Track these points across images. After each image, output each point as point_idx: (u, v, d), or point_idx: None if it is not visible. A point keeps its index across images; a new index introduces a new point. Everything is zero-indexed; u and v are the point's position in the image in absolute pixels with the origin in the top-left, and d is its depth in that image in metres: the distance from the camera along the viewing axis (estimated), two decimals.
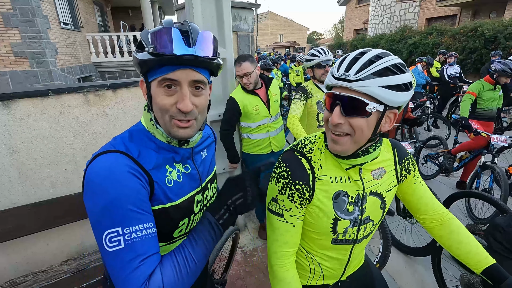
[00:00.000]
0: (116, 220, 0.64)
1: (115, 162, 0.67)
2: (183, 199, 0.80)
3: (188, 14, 2.13)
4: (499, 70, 3.13)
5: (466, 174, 3.62)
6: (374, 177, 0.88)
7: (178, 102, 0.69)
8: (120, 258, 0.64)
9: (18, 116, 1.81)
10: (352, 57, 0.76)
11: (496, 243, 1.36)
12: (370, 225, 0.92)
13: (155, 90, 0.70)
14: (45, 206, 1.93)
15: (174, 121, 0.71)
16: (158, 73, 0.68)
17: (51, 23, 7.70)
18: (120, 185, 0.64)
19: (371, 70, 0.71)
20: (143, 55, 0.67)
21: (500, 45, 8.93)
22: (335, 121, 0.74)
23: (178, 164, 0.80)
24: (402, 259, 2.54)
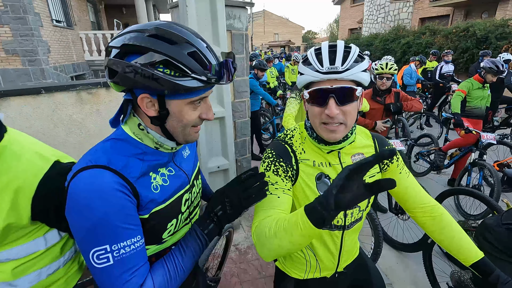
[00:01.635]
0: (104, 238, 0.63)
1: (100, 179, 0.64)
2: (171, 201, 0.79)
3: (182, 13, 2.13)
4: (486, 68, 3.22)
5: (457, 171, 3.69)
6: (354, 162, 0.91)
7: (202, 113, 0.75)
8: (109, 273, 0.64)
9: (10, 114, 1.79)
10: (327, 51, 0.81)
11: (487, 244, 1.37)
12: (356, 211, 0.95)
13: (179, 107, 0.70)
14: None
15: (192, 128, 0.76)
16: (192, 95, 0.69)
17: (43, 21, 7.60)
18: (107, 203, 0.63)
19: (352, 59, 0.79)
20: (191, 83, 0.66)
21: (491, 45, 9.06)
22: (334, 113, 0.79)
23: (162, 168, 0.79)
24: (394, 255, 2.58)
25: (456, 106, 3.34)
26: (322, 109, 0.82)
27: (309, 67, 0.83)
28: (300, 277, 1.03)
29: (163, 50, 0.64)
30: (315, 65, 0.81)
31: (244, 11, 2.58)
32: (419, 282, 2.27)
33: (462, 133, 3.31)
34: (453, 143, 3.53)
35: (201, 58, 0.67)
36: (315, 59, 0.81)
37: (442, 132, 5.31)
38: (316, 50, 0.84)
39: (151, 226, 0.75)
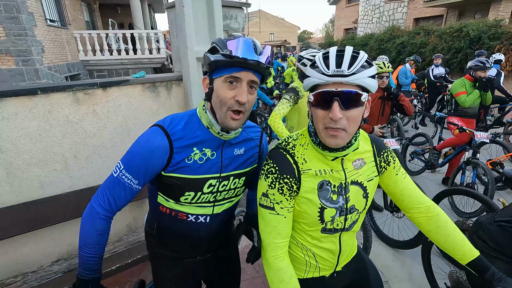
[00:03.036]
0: (126, 160, 0.92)
1: (153, 135, 0.91)
2: (195, 177, 0.95)
3: (179, 13, 2.13)
4: (473, 67, 3.32)
5: (451, 170, 3.74)
6: (355, 167, 0.94)
7: (236, 95, 0.86)
8: (106, 181, 0.95)
9: (5, 115, 1.78)
10: (335, 54, 0.81)
11: (480, 242, 1.39)
12: (355, 214, 0.97)
13: (219, 85, 0.88)
14: (34, 206, 1.91)
15: (229, 112, 0.88)
16: (226, 72, 0.86)
17: (37, 20, 7.51)
18: (144, 149, 0.90)
19: (359, 64, 0.79)
20: (218, 56, 0.84)
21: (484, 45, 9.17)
22: (337, 116, 0.79)
23: (207, 149, 0.96)
24: (390, 253, 2.61)
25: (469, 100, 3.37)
26: (326, 113, 0.81)
27: (315, 70, 0.83)
28: (300, 276, 1.04)
29: (216, 40, 0.88)
30: (322, 68, 0.81)
31: (241, 12, 2.59)
32: (415, 279, 2.30)
33: (456, 132, 3.36)
34: (447, 142, 3.58)
35: (238, 43, 0.83)
36: (322, 62, 0.81)
37: (436, 131, 5.37)
38: (324, 54, 0.84)
39: (172, 184, 0.95)
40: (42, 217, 1.93)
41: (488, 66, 3.26)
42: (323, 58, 0.82)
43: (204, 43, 2.23)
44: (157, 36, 10.94)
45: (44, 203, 1.94)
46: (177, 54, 2.62)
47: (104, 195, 0.93)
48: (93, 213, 0.93)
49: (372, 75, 0.81)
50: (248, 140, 1.07)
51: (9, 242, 1.88)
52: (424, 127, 6.55)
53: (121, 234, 2.37)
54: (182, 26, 2.13)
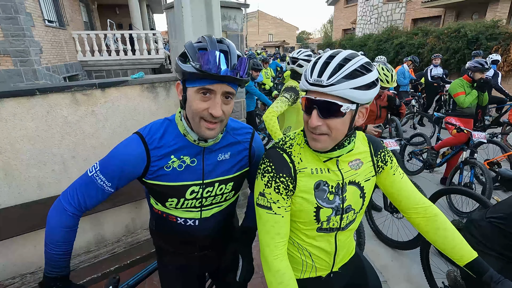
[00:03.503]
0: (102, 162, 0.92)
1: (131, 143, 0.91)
2: (175, 184, 0.94)
3: (177, 14, 2.13)
4: (472, 68, 3.33)
5: (449, 169, 3.75)
6: (352, 167, 0.95)
7: (210, 107, 0.83)
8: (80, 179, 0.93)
9: (3, 116, 1.77)
10: (322, 61, 0.80)
11: (472, 238, 1.40)
12: (351, 214, 0.97)
13: (191, 95, 0.84)
14: (32, 207, 1.90)
15: (203, 122, 0.85)
16: (198, 83, 0.82)
17: (35, 21, 7.49)
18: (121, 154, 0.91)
19: (342, 74, 0.77)
20: (188, 67, 0.80)
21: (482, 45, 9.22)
22: (314, 124, 0.80)
23: (186, 157, 0.94)
24: (389, 253, 2.62)
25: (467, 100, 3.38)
26: (308, 117, 0.83)
27: (304, 74, 0.84)
28: (297, 276, 1.04)
29: (187, 46, 0.82)
30: (307, 74, 0.81)
31: (239, 12, 2.60)
32: (413, 279, 2.31)
33: (454, 132, 3.37)
34: (445, 142, 3.60)
35: (208, 56, 0.77)
36: (309, 68, 0.82)
37: (434, 131, 5.39)
38: (317, 59, 0.84)
39: (155, 190, 0.96)
40: (40, 218, 1.92)
41: (487, 67, 3.28)
42: (313, 63, 0.82)
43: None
44: (155, 36, 10.93)
45: (42, 204, 1.94)
46: (175, 54, 2.62)
47: (74, 193, 0.91)
48: (60, 209, 0.91)
49: (358, 86, 0.77)
50: (235, 143, 1.03)
51: (7, 243, 1.88)
52: (422, 127, 6.58)
53: (119, 235, 2.37)
54: (180, 27, 2.13)
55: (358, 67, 0.78)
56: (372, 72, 0.80)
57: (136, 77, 2.26)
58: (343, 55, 0.81)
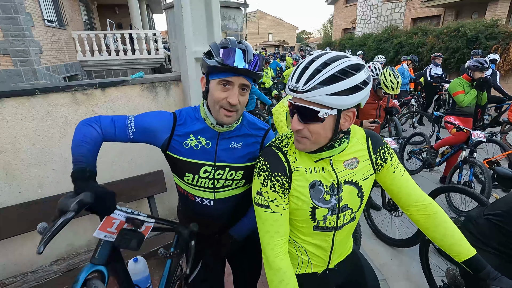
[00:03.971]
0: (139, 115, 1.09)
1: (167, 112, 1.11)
2: (190, 160, 1.09)
3: (177, 14, 2.14)
4: (471, 67, 3.33)
5: (448, 169, 3.76)
6: (347, 167, 0.94)
7: (229, 97, 0.97)
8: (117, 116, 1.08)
9: (4, 116, 1.78)
10: (302, 66, 0.80)
11: (469, 235, 1.41)
12: (349, 213, 0.97)
13: (213, 86, 0.99)
14: (33, 206, 1.91)
15: (222, 110, 1.00)
16: (219, 75, 0.97)
17: (35, 21, 7.49)
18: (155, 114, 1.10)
19: (318, 80, 0.76)
20: (212, 62, 0.95)
21: (481, 45, 9.22)
22: (294, 128, 0.83)
23: (202, 138, 1.09)
24: (388, 252, 2.63)
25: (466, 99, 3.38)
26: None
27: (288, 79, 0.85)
28: None
29: (211, 45, 0.99)
30: (290, 78, 0.82)
31: (239, 12, 2.60)
32: (412, 277, 2.32)
33: (453, 131, 3.38)
34: (444, 141, 3.60)
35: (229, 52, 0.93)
36: (293, 72, 0.82)
37: (434, 130, 5.40)
38: (301, 62, 0.84)
39: (176, 163, 1.11)
40: (41, 217, 1.93)
41: (486, 66, 3.28)
42: (296, 67, 0.82)
43: (202, 44, 2.23)
44: (155, 36, 10.94)
45: (43, 204, 1.95)
46: (175, 54, 2.63)
47: (104, 118, 1.05)
48: (88, 122, 1.02)
49: (336, 92, 0.75)
50: (248, 135, 1.14)
51: (8, 242, 1.89)
52: (422, 126, 6.58)
53: None
54: (180, 27, 2.13)
55: (338, 71, 0.76)
56: (355, 75, 0.76)
57: (136, 77, 2.27)
58: (323, 59, 0.79)
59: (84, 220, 2.20)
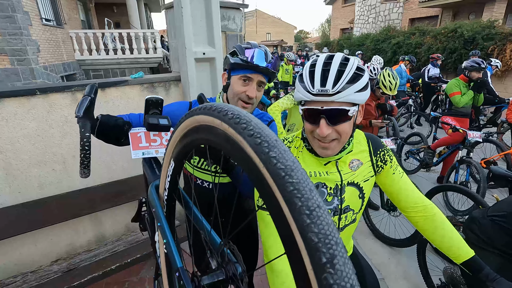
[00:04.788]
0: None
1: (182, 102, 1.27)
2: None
3: (177, 14, 2.15)
4: (469, 67, 3.35)
5: (445, 169, 3.79)
6: (352, 169, 0.95)
7: (247, 91, 1.12)
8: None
9: (4, 116, 1.78)
10: (320, 70, 0.80)
11: (473, 235, 1.43)
12: (350, 214, 0.98)
13: (234, 81, 1.13)
14: (33, 206, 1.91)
15: (240, 102, 1.14)
16: (241, 72, 1.11)
17: (32, 20, 7.45)
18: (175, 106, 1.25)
19: (345, 80, 0.78)
20: (237, 60, 1.09)
21: (478, 45, 9.29)
22: (324, 133, 0.80)
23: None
24: (386, 251, 2.65)
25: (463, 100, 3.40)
26: (315, 127, 0.83)
27: (301, 85, 0.82)
28: None
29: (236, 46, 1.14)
30: (307, 84, 0.80)
31: (239, 13, 2.61)
32: (410, 276, 2.34)
33: (450, 132, 3.41)
34: (441, 141, 3.63)
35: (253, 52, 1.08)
36: (308, 78, 0.80)
37: (431, 131, 5.43)
38: (311, 67, 0.83)
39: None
40: (41, 217, 1.94)
41: (483, 66, 3.30)
42: (309, 71, 0.81)
43: (202, 44, 2.24)
44: (153, 35, 10.90)
45: (43, 204, 1.95)
46: (175, 54, 2.63)
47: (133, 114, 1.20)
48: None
49: (360, 89, 0.79)
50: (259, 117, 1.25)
51: (8, 242, 1.89)
52: (419, 126, 6.62)
53: (120, 234, 2.39)
54: (180, 27, 2.14)
55: (356, 69, 0.80)
56: (365, 72, 0.83)
57: (136, 77, 2.27)
58: (338, 60, 0.81)
59: (83, 221, 2.21)
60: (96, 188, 2.15)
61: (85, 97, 0.82)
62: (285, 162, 0.30)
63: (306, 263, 0.27)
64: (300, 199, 0.28)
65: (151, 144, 0.93)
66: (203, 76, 2.33)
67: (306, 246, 0.27)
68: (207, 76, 2.36)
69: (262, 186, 0.32)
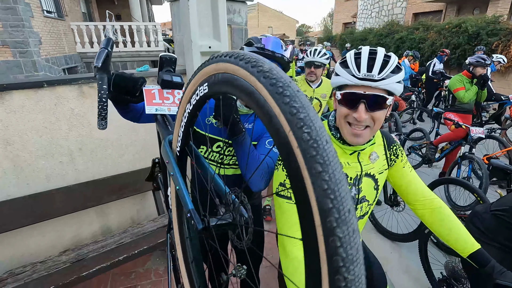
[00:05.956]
0: None
1: None
2: (206, 134, 1.24)
3: (183, 7, 2.14)
4: (474, 63, 3.33)
5: (447, 164, 3.80)
6: (372, 161, 1.00)
7: None
8: None
9: (12, 108, 1.79)
10: (366, 57, 0.83)
11: (475, 229, 1.45)
12: (365, 205, 1.02)
13: None
14: (40, 198, 1.94)
15: None
16: None
17: (34, 11, 7.40)
18: None
19: (390, 69, 0.82)
20: (253, 49, 1.12)
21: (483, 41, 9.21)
22: (362, 117, 0.84)
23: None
24: (389, 246, 2.68)
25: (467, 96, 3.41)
26: (351, 111, 0.86)
27: (346, 70, 0.85)
28: None
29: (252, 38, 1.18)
30: (352, 69, 0.83)
31: (244, 6, 2.60)
32: (412, 270, 2.37)
33: (452, 128, 3.41)
34: (444, 137, 3.64)
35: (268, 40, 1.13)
36: (353, 63, 0.83)
37: (434, 126, 5.43)
38: (356, 54, 0.86)
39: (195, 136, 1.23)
40: (48, 209, 1.96)
41: (488, 62, 3.29)
42: (355, 58, 0.84)
43: (208, 38, 2.24)
44: (155, 28, 10.83)
45: (50, 196, 1.97)
46: (180, 47, 2.62)
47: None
48: None
49: (399, 80, 0.84)
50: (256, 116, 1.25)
51: (15, 234, 1.92)
52: (421, 122, 6.62)
53: (125, 225, 2.41)
54: (186, 20, 2.13)
55: (397, 63, 0.85)
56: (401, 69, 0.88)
57: (141, 70, 2.27)
58: (382, 52, 0.85)
59: (89, 212, 2.23)
60: (102, 181, 2.17)
61: (102, 49, 0.84)
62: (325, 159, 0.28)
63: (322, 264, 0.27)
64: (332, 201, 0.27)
65: (164, 101, 0.95)
66: None
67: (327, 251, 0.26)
68: None
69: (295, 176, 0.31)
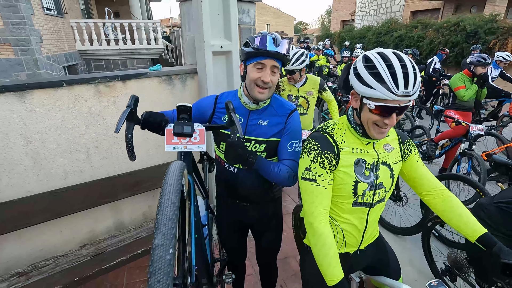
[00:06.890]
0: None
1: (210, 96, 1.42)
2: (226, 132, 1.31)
3: (196, 7, 2.18)
4: (474, 62, 3.42)
5: (447, 161, 3.90)
6: (387, 151, 1.11)
7: (262, 76, 1.19)
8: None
9: (33, 107, 1.84)
10: (401, 72, 0.90)
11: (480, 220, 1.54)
12: (383, 191, 1.11)
13: (250, 69, 1.22)
14: (58, 194, 1.99)
15: (256, 88, 1.22)
16: (255, 59, 1.19)
17: (34, 9, 7.37)
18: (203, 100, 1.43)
19: (417, 82, 0.91)
20: (249, 49, 1.17)
21: (480, 39, 9.32)
22: (394, 124, 0.97)
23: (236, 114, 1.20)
24: (392, 239, 2.77)
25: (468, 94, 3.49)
26: (383, 118, 0.96)
27: (382, 85, 0.90)
28: None
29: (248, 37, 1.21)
30: (391, 86, 0.89)
31: (253, 6, 2.65)
32: (415, 262, 2.46)
33: (453, 125, 3.50)
34: (444, 134, 3.73)
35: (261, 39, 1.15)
36: (390, 79, 0.89)
37: (433, 124, 5.53)
38: (386, 61, 0.92)
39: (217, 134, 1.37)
40: (66, 205, 2.02)
41: (489, 62, 3.38)
42: (391, 74, 0.90)
43: (219, 37, 2.29)
44: (155, 26, 10.81)
45: (68, 192, 2.03)
46: (189, 47, 2.67)
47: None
48: None
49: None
50: (274, 115, 1.32)
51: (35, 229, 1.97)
52: (420, 120, 6.71)
53: (138, 221, 2.48)
54: (198, 20, 2.18)
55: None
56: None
57: (154, 70, 2.33)
58: (409, 61, 0.92)
59: (104, 208, 2.29)
60: (117, 178, 2.23)
61: (125, 110, 0.98)
62: None
63: None
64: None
65: (181, 140, 1.06)
66: (219, 69, 2.38)
67: None
68: (223, 69, 2.41)
69: None
